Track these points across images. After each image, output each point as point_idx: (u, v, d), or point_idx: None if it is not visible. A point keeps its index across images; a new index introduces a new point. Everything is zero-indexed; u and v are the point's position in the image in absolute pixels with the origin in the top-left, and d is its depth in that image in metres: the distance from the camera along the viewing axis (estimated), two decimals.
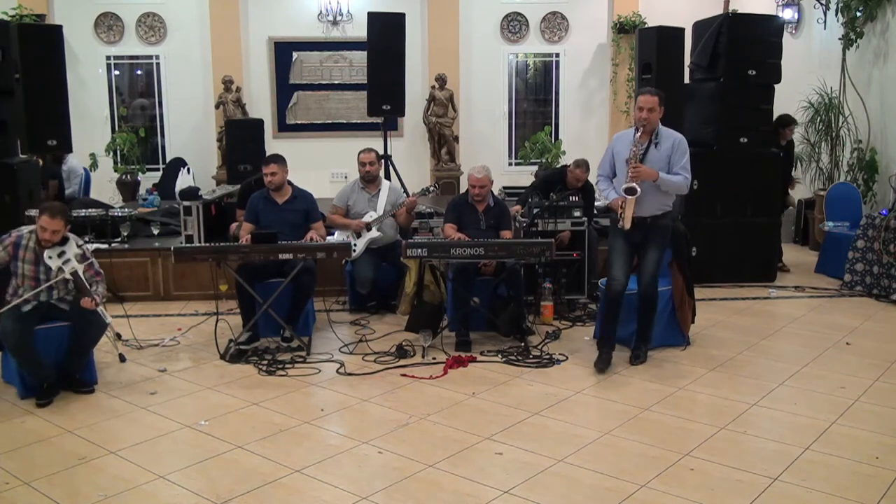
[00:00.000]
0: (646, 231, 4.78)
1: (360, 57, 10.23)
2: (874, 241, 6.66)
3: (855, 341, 5.47)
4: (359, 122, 11.17)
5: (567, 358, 5.13)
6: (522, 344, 5.27)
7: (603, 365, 4.85)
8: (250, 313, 5.32)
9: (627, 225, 4.65)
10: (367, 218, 6.13)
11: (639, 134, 4.65)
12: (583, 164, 6.57)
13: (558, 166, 9.13)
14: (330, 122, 11.53)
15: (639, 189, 4.59)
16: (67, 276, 4.35)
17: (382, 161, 7.02)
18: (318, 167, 10.77)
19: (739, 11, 8.53)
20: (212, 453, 3.74)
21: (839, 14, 8.52)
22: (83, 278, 4.34)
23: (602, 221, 7.21)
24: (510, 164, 11.77)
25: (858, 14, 8.31)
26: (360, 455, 3.73)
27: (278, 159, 5.68)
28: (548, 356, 5.13)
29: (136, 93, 11.52)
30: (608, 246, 5.01)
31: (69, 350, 4.49)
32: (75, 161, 9.21)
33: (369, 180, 6.24)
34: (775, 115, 7.54)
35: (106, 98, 11.21)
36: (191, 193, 7.27)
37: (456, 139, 11.09)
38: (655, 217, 4.77)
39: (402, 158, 9.55)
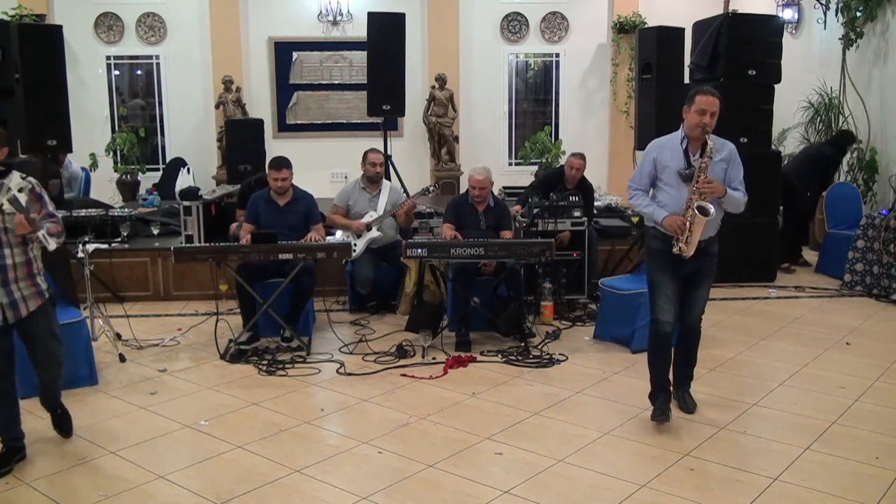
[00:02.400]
0: (697, 259, 3.96)
1: (360, 57, 10.23)
2: (874, 241, 6.66)
3: (855, 341, 5.47)
4: (359, 122, 11.17)
5: (567, 358, 5.13)
6: (522, 344, 5.27)
7: (664, 416, 4.06)
8: (250, 313, 5.32)
9: (692, 251, 3.86)
10: (367, 218, 6.13)
11: (709, 143, 3.86)
12: (578, 154, 6.60)
13: (557, 166, 9.14)
14: (330, 122, 11.52)
15: (713, 209, 3.85)
16: (3, 204, 3.51)
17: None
18: (318, 167, 10.76)
19: (739, 11, 8.54)
20: (212, 453, 3.74)
21: (839, 14, 8.53)
22: (22, 203, 3.47)
23: (602, 221, 7.23)
24: (510, 164, 11.77)
25: (858, 14, 8.31)
26: (360, 455, 3.73)
27: (289, 164, 5.67)
28: (548, 356, 5.13)
29: (136, 93, 11.52)
30: (648, 280, 4.13)
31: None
32: (75, 166, 9.21)
33: (374, 181, 6.24)
34: (775, 116, 7.53)
35: (106, 98, 11.21)
36: (191, 193, 7.27)
37: (456, 139, 11.09)
38: (710, 241, 4.01)
39: (402, 158, 9.54)
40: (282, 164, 5.64)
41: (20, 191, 3.53)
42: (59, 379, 3.92)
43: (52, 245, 3.54)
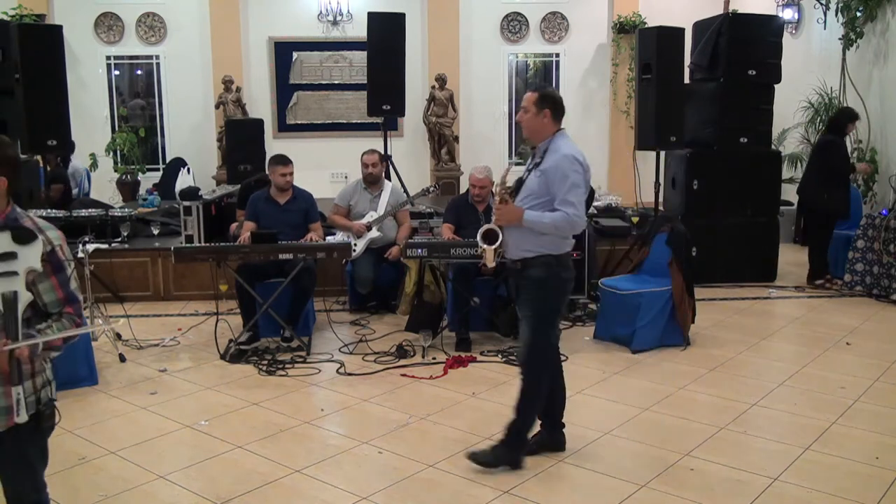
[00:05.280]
0: (516, 279, 3.62)
1: (360, 57, 10.23)
2: (874, 241, 6.66)
3: (855, 341, 5.47)
4: (359, 122, 11.17)
5: (567, 358, 5.10)
6: None
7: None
8: (250, 313, 5.32)
9: (486, 268, 3.66)
10: (368, 218, 6.13)
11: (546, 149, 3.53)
12: None
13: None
14: (330, 122, 11.53)
15: (501, 235, 3.50)
16: None
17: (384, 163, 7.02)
18: (318, 167, 10.76)
19: (739, 11, 8.54)
20: (212, 453, 3.74)
21: (839, 14, 8.53)
22: (18, 309, 2.18)
23: (602, 221, 7.24)
24: (510, 164, 11.74)
25: (858, 14, 8.32)
26: (360, 455, 3.73)
27: (291, 160, 5.72)
28: None
29: (136, 93, 11.53)
30: None
31: None
32: (77, 162, 9.23)
33: (372, 182, 6.24)
34: (775, 116, 7.52)
35: (106, 98, 11.21)
36: (191, 193, 7.27)
37: (456, 139, 11.09)
38: (526, 262, 3.50)
39: (402, 158, 9.54)
40: (288, 159, 5.71)
41: (28, 271, 2.21)
42: None
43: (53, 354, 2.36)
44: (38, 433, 2.35)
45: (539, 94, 3.52)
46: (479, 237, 3.56)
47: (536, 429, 3.74)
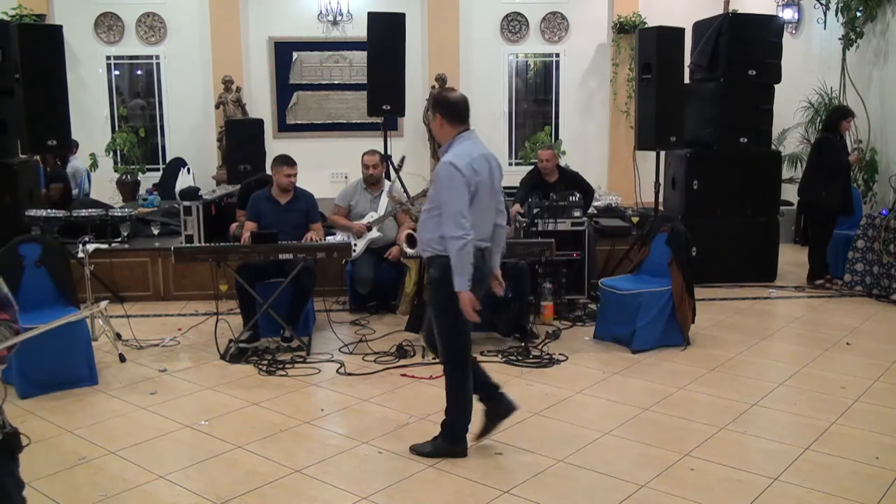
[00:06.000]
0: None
1: (360, 57, 10.24)
2: (874, 241, 6.66)
3: (855, 341, 5.47)
4: (359, 122, 11.17)
5: (567, 358, 5.12)
6: (522, 344, 5.27)
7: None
8: (250, 313, 5.32)
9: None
10: (368, 218, 6.13)
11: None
12: (545, 147, 6.76)
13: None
14: (330, 122, 11.53)
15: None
16: None
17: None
18: (318, 167, 10.75)
19: (739, 11, 8.54)
20: (212, 453, 3.74)
21: (839, 14, 8.53)
22: None
23: (602, 221, 7.24)
24: (510, 164, 11.75)
25: (858, 14, 8.31)
26: (360, 455, 3.73)
27: (296, 161, 5.73)
28: (548, 356, 5.13)
29: (136, 93, 11.53)
30: None
31: None
32: (77, 161, 9.24)
33: (372, 182, 6.24)
34: (775, 116, 7.52)
35: (106, 98, 11.21)
36: (191, 193, 7.27)
37: None
38: (429, 260, 3.58)
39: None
40: (293, 160, 5.72)
41: None
42: None
43: None
44: (12, 463, 2.24)
45: (433, 99, 3.54)
46: (403, 241, 3.59)
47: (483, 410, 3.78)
